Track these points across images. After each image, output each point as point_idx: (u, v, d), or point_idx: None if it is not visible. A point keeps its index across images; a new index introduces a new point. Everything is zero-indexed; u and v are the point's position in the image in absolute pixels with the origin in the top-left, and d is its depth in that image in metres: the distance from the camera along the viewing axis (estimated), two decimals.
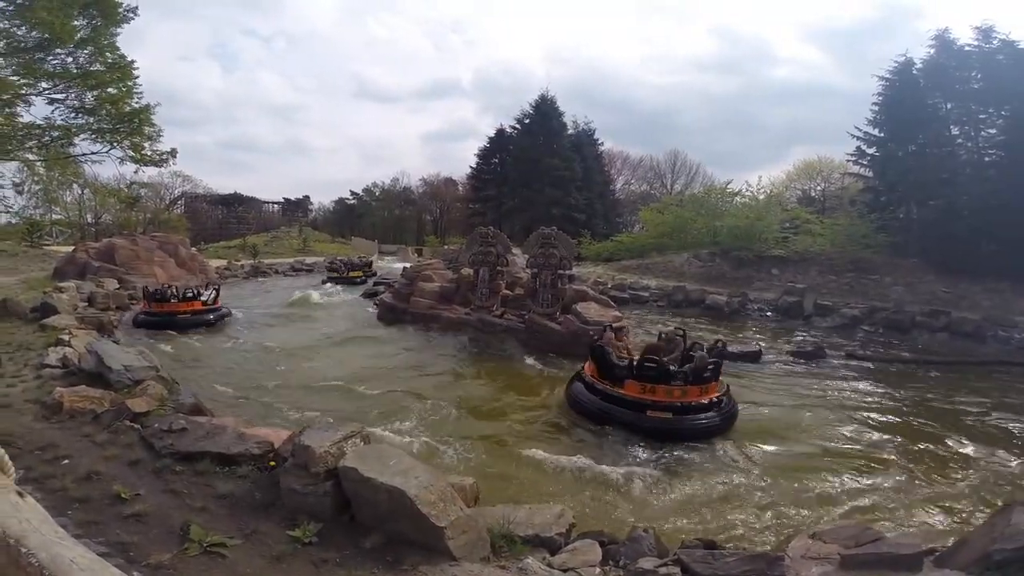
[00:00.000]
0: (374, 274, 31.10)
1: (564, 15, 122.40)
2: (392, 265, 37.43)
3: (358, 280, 28.35)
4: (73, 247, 23.84)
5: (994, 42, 23.02)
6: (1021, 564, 2.96)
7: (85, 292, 15.81)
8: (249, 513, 3.77)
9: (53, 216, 37.22)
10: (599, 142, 50.10)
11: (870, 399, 10.34)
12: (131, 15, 19.08)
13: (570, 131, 46.04)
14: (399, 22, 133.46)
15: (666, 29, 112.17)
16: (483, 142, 50.91)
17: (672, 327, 10.04)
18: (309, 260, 37.20)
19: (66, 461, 4.41)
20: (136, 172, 21.53)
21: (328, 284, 27.37)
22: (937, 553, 3.44)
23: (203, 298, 15.17)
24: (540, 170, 42.05)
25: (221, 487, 4.07)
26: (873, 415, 9.21)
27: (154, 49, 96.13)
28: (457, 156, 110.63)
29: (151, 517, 3.63)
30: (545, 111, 43.98)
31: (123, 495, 3.85)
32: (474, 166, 51.02)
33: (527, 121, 45.13)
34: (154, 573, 3.07)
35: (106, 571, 2.47)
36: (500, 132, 49.01)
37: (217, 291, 16.14)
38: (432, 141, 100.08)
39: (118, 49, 19.10)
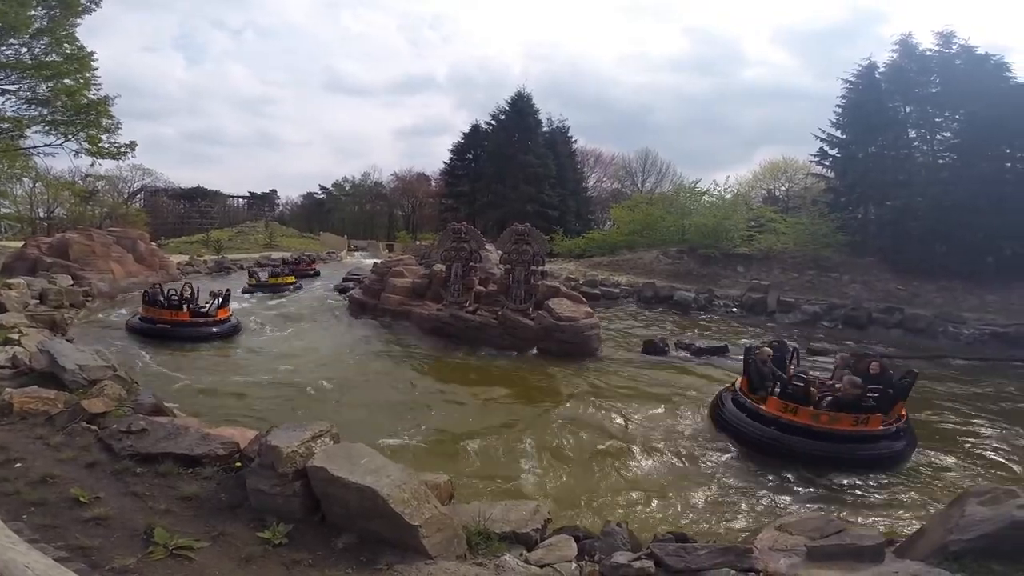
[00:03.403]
0: (316, 273, 28.42)
1: (544, 13, 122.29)
2: (362, 261, 36.86)
3: (288, 288, 21.86)
4: (23, 242, 22.71)
5: (954, 47, 24.02)
6: (977, 554, 3.10)
7: (36, 289, 15.08)
8: (215, 515, 3.67)
9: (1, 210, 35.39)
10: (573, 140, 50.42)
11: None
12: (93, 6, 18.30)
13: (545, 128, 46.18)
14: (374, 16, 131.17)
15: (644, 29, 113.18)
16: (457, 138, 50.56)
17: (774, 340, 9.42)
18: (275, 255, 36.31)
19: (19, 464, 4.20)
20: (92, 165, 20.73)
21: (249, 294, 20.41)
22: (897, 544, 3.57)
23: (205, 308, 12.97)
24: (515, 166, 42.03)
25: (185, 489, 3.95)
26: None
27: (117, 40, 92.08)
28: (430, 152, 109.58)
29: (112, 520, 3.49)
30: (521, 108, 43.94)
31: (81, 498, 3.69)
32: (448, 162, 50.64)
33: (503, 117, 45.01)
34: None
35: None
36: (475, 128, 48.77)
37: (223, 299, 13.66)
38: (405, 136, 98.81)
39: (77, 40, 18.33)
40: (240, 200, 66.18)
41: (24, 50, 17.31)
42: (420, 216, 63.68)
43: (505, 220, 30.96)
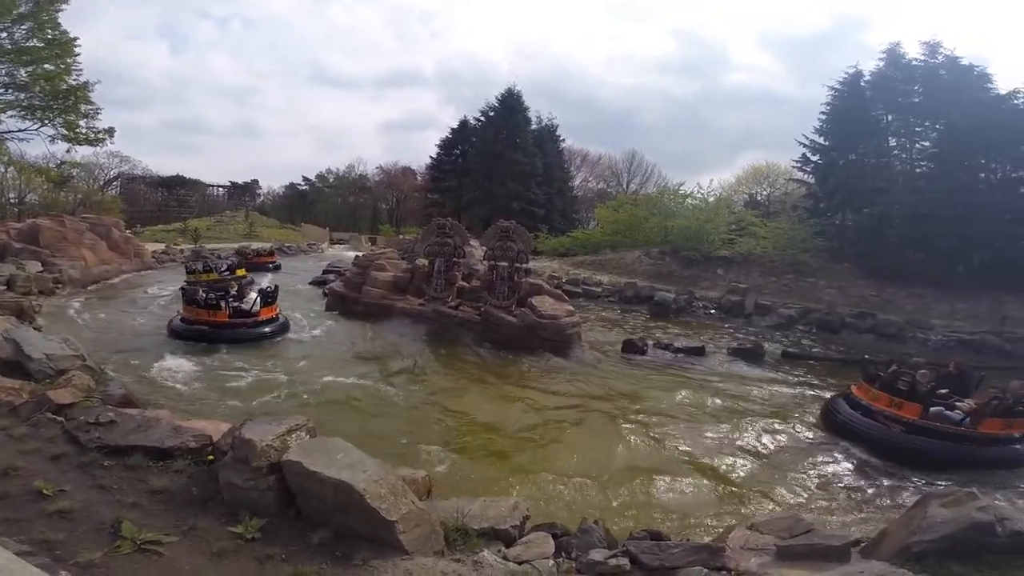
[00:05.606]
0: (275, 267, 26.59)
1: (532, 12, 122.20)
2: (344, 253, 36.42)
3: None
4: None
5: (939, 57, 24.46)
6: (938, 555, 3.19)
7: (4, 275, 14.65)
8: (186, 509, 3.59)
9: None
10: (561, 139, 50.52)
11: (793, 393, 10.83)
12: None
13: (533, 127, 46.16)
14: (363, 10, 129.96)
15: (632, 30, 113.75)
16: (443, 133, 50.64)
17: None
18: (254, 245, 35.65)
19: None
20: (68, 151, 20.21)
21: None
22: (863, 544, 3.66)
23: (248, 307, 11.56)
24: (502, 163, 41.98)
25: (155, 482, 3.85)
26: (793, 410, 9.66)
27: (100, 26, 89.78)
28: (415, 146, 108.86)
29: (78, 514, 3.40)
30: (511, 105, 43.85)
31: (45, 491, 3.58)
32: (435, 156, 50.46)
33: (492, 114, 44.92)
34: (83, 572, 2.88)
35: (26, 572, 2.30)
36: (463, 124, 48.65)
37: (270, 295, 12.19)
38: (390, 130, 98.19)
39: (59, 25, 17.89)
40: (220, 189, 65.08)
41: (3, 35, 16.90)
42: (404, 210, 63.28)
43: (490, 216, 30.96)
